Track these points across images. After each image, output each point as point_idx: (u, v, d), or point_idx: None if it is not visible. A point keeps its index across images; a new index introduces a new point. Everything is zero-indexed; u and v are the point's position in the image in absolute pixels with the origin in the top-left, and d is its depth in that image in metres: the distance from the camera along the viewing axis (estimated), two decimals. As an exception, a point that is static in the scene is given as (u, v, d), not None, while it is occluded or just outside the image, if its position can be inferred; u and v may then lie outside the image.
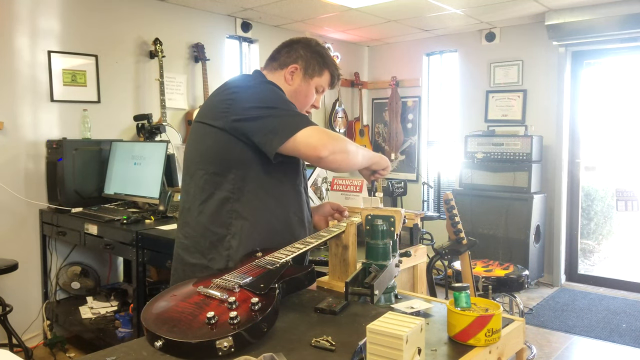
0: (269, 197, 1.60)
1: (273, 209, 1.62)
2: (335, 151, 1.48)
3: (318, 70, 1.72)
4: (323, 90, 1.76)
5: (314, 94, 1.75)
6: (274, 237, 1.61)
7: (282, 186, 1.63)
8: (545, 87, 5.12)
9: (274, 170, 1.60)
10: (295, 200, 1.68)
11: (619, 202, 4.62)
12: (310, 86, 1.73)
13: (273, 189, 1.61)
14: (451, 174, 5.83)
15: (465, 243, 2.38)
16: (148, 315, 1.27)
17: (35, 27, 3.64)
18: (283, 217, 1.64)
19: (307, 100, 1.74)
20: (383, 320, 1.07)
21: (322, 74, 1.73)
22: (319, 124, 6.16)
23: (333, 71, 1.75)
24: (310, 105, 1.76)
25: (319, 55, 1.74)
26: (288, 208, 1.66)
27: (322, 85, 1.75)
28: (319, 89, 1.75)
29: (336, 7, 4.53)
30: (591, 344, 3.72)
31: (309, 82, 1.72)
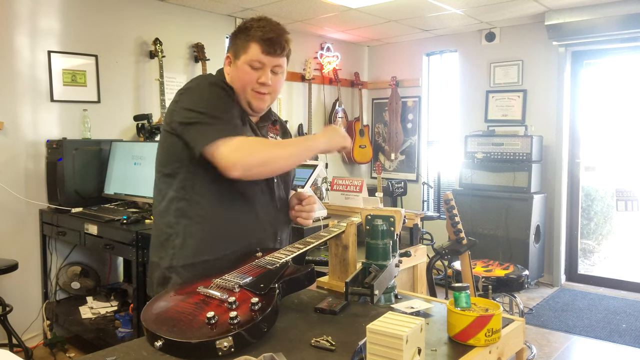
0: (217, 197, 1.56)
1: (222, 209, 1.57)
2: (251, 167, 1.44)
3: (242, 47, 1.59)
4: (262, 63, 1.57)
5: (248, 72, 1.58)
6: (224, 238, 1.57)
7: (235, 186, 1.55)
8: (545, 87, 5.12)
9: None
10: (252, 202, 1.60)
11: (619, 202, 4.62)
12: (240, 67, 1.59)
13: (223, 190, 1.55)
14: (451, 174, 5.83)
15: (465, 243, 2.38)
16: (148, 315, 1.27)
17: (35, 27, 3.63)
18: (235, 219, 1.58)
19: (245, 82, 1.58)
20: (383, 320, 1.07)
21: (247, 48, 1.58)
22: (320, 125, 6.11)
23: (259, 38, 1.57)
24: (255, 83, 1.58)
25: (241, 32, 1.61)
26: (242, 209, 1.59)
27: (253, 59, 1.57)
28: (254, 65, 1.57)
29: (336, 7, 4.53)
30: (591, 344, 3.72)
31: (237, 64, 1.60)
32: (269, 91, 1.61)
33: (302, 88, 5.61)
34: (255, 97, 1.60)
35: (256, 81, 1.58)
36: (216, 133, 1.44)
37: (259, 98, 1.61)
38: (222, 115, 1.50)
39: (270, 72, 1.60)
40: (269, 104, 1.67)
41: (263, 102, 1.63)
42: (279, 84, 1.66)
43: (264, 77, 1.58)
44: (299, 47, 5.57)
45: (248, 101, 1.61)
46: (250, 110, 1.63)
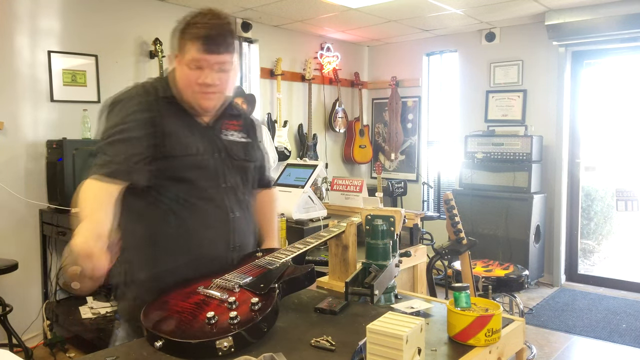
0: (159, 211, 1.51)
1: (165, 222, 1.51)
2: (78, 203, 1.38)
3: (180, 48, 1.51)
4: (200, 63, 1.47)
5: (188, 73, 1.49)
6: (168, 252, 1.51)
7: (176, 198, 1.50)
8: (545, 87, 5.12)
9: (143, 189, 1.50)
10: (197, 212, 1.52)
11: (619, 202, 4.62)
12: (181, 69, 1.50)
13: (164, 203, 1.50)
14: (451, 174, 5.83)
15: (465, 243, 2.38)
16: (148, 315, 1.27)
17: (35, 27, 3.63)
18: (177, 231, 1.51)
19: (186, 83, 1.50)
20: (383, 320, 1.07)
21: (184, 49, 1.49)
22: (320, 125, 6.10)
23: (197, 37, 1.46)
24: (197, 85, 1.49)
25: (178, 30, 1.53)
26: (186, 220, 1.51)
27: (192, 59, 1.47)
28: (192, 65, 1.47)
29: (336, 7, 4.53)
30: (591, 344, 3.72)
31: (180, 67, 1.51)
32: (216, 90, 1.52)
33: (302, 88, 5.61)
34: (201, 97, 1.52)
35: (197, 82, 1.49)
36: (93, 168, 1.42)
37: (205, 98, 1.52)
38: (110, 149, 1.43)
39: (215, 70, 1.49)
40: (219, 102, 1.58)
41: (210, 101, 1.54)
42: (227, 81, 1.55)
43: (207, 78, 1.48)
44: (299, 47, 5.57)
45: (193, 103, 1.53)
46: (200, 110, 1.56)
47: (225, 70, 1.52)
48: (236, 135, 1.68)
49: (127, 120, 1.47)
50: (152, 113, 1.50)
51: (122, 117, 1.48)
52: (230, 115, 1.68)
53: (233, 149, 1.64)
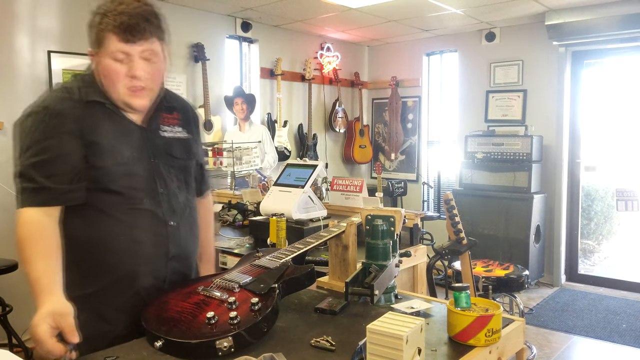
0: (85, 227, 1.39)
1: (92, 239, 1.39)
2: (17, 243, 1.34)
3: (98, 40, 1.34)
4: (125, 54, 1.34)
5: (112, 67, 1.34)
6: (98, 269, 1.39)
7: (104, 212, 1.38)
8: (546, 87, 5.12)
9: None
10: (128, 225, 1.39)
11: (619, 202, 4.62)
12: (102, 63, 1.35)
13: (89, 218, 1.38)
14: (451, 174, 5.83)
15: (465, 243, 2.38)
16: (148, 315, 1.27)
17: (35, 27, 3.63)
18: (107, 246, 1.39)
19: (112, 80, 1.35)
20: (383, 320, 1.07)
21: (103, 40, 1.33)
22: (320, 125, 6.10)
23: (113, 26, 1.31)
24: (125, 78, 1.35)
25: (93, 21, 1.35)
26: (115, 235, 1.38)
27: (113, 50, 1.32)
28: (116, 56, 1.33)
29: (336, 7, 4.53)
30: (591, 344, 3.72)
31: (100, 60, 1.36)
32: (146, 84, 1.38)
33: (302, 88, 5.61)
34: (131, 95, 1.37)
35: (125, 75, 1.35)
36: (21, 198, 1.36)
37: (135, 95, 1.38)
38: (37, 172, 1.31)
39: (142, 60, 1.36)
40: (151, 97, 1.43)
41: (142, 99, 1.40)
42: (156, 71, 1.41)
43: (133, 69, 1.34)
44: (299, 47, 5.57)
45: (123, 101, 1.38)
46: (131, 109, 1.41)
47: (153, 58, 1.38)
48: (176, 131, 1.53)
49: (48, 134, 1.32)
50: (77, 121, 1.34)
51: (41, 131, 1.32)
52: (167, 109, 1.53)
53: (173, 147, 1.50)
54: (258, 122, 5.09)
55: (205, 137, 4.46)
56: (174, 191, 1.48)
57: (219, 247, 2.41)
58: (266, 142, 4.71)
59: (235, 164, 3.83)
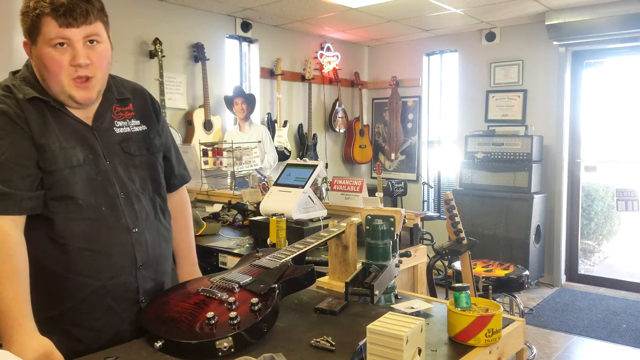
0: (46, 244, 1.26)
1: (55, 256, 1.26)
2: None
3: (34, 27, 1.22)
4: (66, 39, 1.21)
5: (53, 56, 1.21)
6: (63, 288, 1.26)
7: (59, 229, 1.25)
8: (546, 87, 5.12)
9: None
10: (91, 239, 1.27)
11: (619, 202, 4.62)
12: (41, 53, 1.22)
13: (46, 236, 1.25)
14: (451, 174, 5.83)
15: (465, 243, 2.38)
16: (148, 315, 1.27)
17: (35, 27, 3.63)
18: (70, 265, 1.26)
19: (54, 70, 1.22)
20: (383, 321, 1.07)
21: (39, 26, 1.21)
22: (320, 125, 6.08)
23: (50, 9, 1.19)
24: (69, 67, 1.23)
25: (26, 7, 1.25)
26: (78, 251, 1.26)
27: (52, 36, 1.20)
28: (53, 42, 1.20)
29: (336, 7, 4.52)
30: (591, 344, 3.72)
31: (37, 49, 1.23)
32: (91, 73, 1.25)
33: (302, 88, 5.60)
34: (76, 87, 1.24)
35: (69, 64, 1.22)
36: None
37: (81, 87, 1.25)
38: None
39: (85, 46, 1.23)
40: (98, 89, 1.30)
41: (89, 91, 1.27)
42: (102, 57, 1.27)
43: (77, 56, 1.21)
44: (299, 47, 5.57)
45: (69, 95, 1.25)
46: (76, 104, 1.28)
47: (97, 42, 1.26)
48: (132, 125, 1.40)
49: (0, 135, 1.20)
50: (21, 122, 1.22)
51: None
52: (119, 101, 1.39)
53: (130, 144, 1.37)
54: (258, 122, 5.09)
55: (205, 137, 4.46)
56: (135, 193, 1.36)
57: (219, 247, 2.41)
58: (266, 142, 4.71)
59: (235, 164, 3.83)
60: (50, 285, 1.26)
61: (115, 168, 1.33)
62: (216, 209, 3.18)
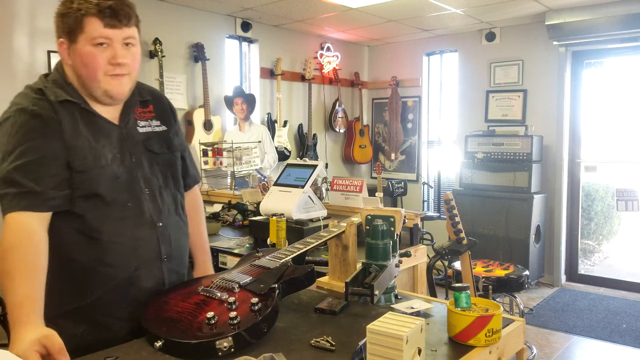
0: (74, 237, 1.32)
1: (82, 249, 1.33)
2: (3, 256, 1.20)
3: (77, 25, 1.28)
4: (107, 39, 1.30)
5: (93, 53, 1.29)
6: (90, 280, 1.33)
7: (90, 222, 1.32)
8: (546, 87, 5.12)
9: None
10: (117, 233, 1.34)
11: (619, 202, 4.62)
12: (81, 51, 1.29)
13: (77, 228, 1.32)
14: (451, 174, 5.83)
15: (465, 243, 2.38)
16: (148, 316, 1.27)
17: (35, 27, 3.63)
18: (97, 257, 1.33)
19: (93, 67, 1.30)
20: (383, 321, 1.07)
21: (83, 25, 1.28)
22: (320, 125, 6.08)
23: (96, 10, 1.27)
24: (107, 65, 1.31)
25: (69, 8, 1.30)
26: (105, 244, 1.33)
27: (95, 35, 1.28)
28: (96, 41, 1.28)
29: (336, 7, 4.53)
30: (591, 344, 3.72)
31: (77, 48, 1.30)
32: (127, 71, 1.34)
33: (302, 88, 5.60)
34: (112, 82, 1.33)
35: (108, 62, 1.30)
36: (5, 204, 1.24)
37: (116, 83, 1.33)
38: (21, 175, 1.24)
39: (123, 47, 1.33)
40: (130, 86, 1.39)
41: (122, 87, 1.35)
42: (134, 59, 1.37)
43: (117, 55, 1.30)
44: (299, 47, 5.57)
45: (104, 90, 1.33)
46: (109, 100, 1.36)
47: (131, 47, 1.35)
48: (153, 125, 1.49)
49: (30, 136, 1.27)
50: (53, 123, 1.29)
51: (22, 134, 1.27)
52: (141, 103, 1.49)
53: (152, 143, 1.46)
54: (258, 122, 5.09)
55: (205, 137, 4.46)
56: (159, 189, 1.44)
57: (219, 247, 2.41)
58: (266, 142, 4.71)
59: (235, 164, 3.83)
60: (80, 276, 1.33)
61: (140, 165, 1.41)
62: (216, 209, 3.18)
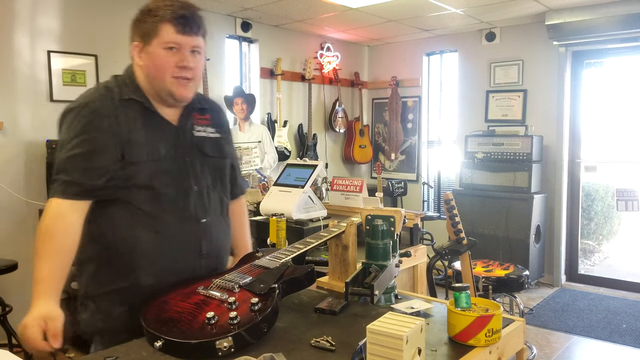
0: (121, 221, 1.43)
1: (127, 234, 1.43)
2: (38, 232, 1.36)
3: (153, 30, 1.41)
4: (178, 45, 1.41)
5: (164, 56, 1.41)
6: (132, 264, 1.43)
7: (140, 209, 1.43)
8: (546, 87, 5.12)
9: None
10: (163, 223, 1.44)
11: (619, 202, 4.62)
12: (153, 53, 1.42)
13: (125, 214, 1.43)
14: (451, 174, 5.83)
15: (465, 243, 2.38)
16: (148, 315, 1.27)
17: (35, 27, 3.63)
18: (142, 243, 1.43)
19: (162, 69, 1.42)
20: (383, 321, 1.07)
21: (158, 30, 1.40)
22: (320, 125, 6.08)
23: (170, 17, 1.40)
24: (175, 68, 1.42)
25: (147, 14, 1.43)
26: (150, 232, 1.43)
27: (167, 40, 1.40)
28: (167, 45, 1.41)
29: (336, 7, 4.52)
30: (591, 344, 3.72)
31: (149, 50, 1.42)
32: (191, 75, 1.45)
33: (302, 88, 5.60)
34: (177, 84, 1.44)
35: (175, 65, 1.42)
36: (55, 188, 1.39)
37: (182, 85, 1.44)
38: (71, 165, 1.37)
39: (190, 53, 1.44)
40: (194, 90, 1.51)
41: (187, 90, 1.47)
42: (200, 66, 1.49)
43: (185, 60, 1.42)
44: (299, 47, 5.57)
45: (169, 91, 1.44)
46: (173, 100, 1.47)
47: (197, 54, 1.46)
48: (208, 131, 1.58)
49: (86, 130, 1.39)
50: (111, 119, 1.41)
51: (80, 127, 1.39)
52: (199, 110, 1.59)
53: (205, 146, 1.55)
54: (258, 122, 5.09)
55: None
56: (207, 189, 1.53)
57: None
58: (266, 142, 4.71)
59: (235, 164, 3.82)
60: (122, 260, 1.41)
61: (192, 164, 1.51)
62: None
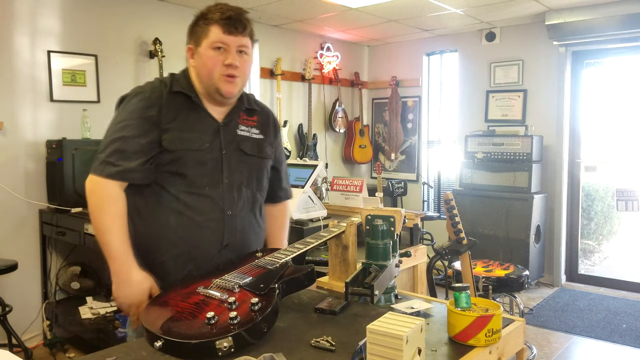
0: (153, 202, 1.55)
1: (157, 214, 1.55)
2: (91, 211, 1.49)
3: (203, 33, 1.54)
4: (225, 44, 1.52)
5: (212, 56, 1.53)
6: (157, 243, 1.55)
7: (171, 192, 1.54)
8: (546, 87, 5.11)
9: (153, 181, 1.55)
10: (191, 208, 1.54)
11: (619, 202, 4.62)
12: (203, 53, 1.54)
13: (156, 195, 1.55)
14: (451, 174, 5.83)
15: (465, 243, 2.38)
16: (148, 316, 1.27)
17: (35, 27, 3.63)
18: (168, 224, 1.54)
19: (210, 67, 1.53)
20: (383, 321, 1.07)
21: (207, 32, 1.53)
22: (320, 125, 6.08)
23: (218, 19, 1.52)
24: (222, 66, 1.53)
25: (199, 19, 1.57)
26: (178, 215, 1.54)
27: (215, 41, 1.52)
28: (215, 45, 1.52)
29: (336, 7, 4.52)
30: (591, 345, 3.72)
31: (200, 52, 1.55)
32: (238, 74, 1.55)
33: (302, 88, 5.60)
34: (224, 81, 1.54)
35: (222, 63, 1.52)
36: (95, 165, 1.51)
37: (228, 82, 1.54)
38: (111, 148, 1.50)
39: (237, 53, 1.54)
40: (239, 88, 1.59)
41: (233, 86, 1.56)
42: (247, 66, 1.59)
43: (230, 58, 1.52)
44: (299, 47, 5.57)
45: (216, 87, 1.55)
46: (220, 97, 1.57)
47: (245, 53, 1.56)
48: (252, 132, 1.67)
49: (131, 117, 1.52)
50: (156, 109, 1.52)
51: (127, 113, 1.54)
52: (247, 111, 1.69)
53: (245, 144, 1.64)
54: (258, 122, 5.09)
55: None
56: (239, 184, 1.61)
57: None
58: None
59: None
60: (149, 240, 1.53)
61: (228, 159, 1.59)
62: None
